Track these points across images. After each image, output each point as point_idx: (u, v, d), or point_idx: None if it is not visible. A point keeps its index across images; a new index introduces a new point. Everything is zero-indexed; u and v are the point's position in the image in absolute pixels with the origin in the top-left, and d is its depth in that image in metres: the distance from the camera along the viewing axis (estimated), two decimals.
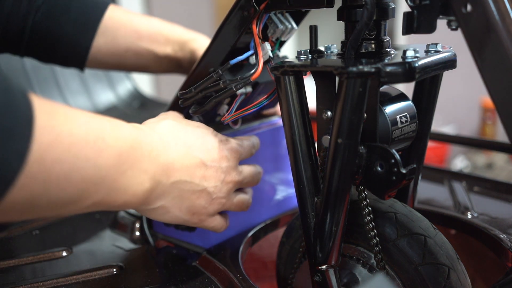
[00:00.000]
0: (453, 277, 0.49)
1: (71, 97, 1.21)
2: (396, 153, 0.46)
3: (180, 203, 0.54)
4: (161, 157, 0.50)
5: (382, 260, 0.51)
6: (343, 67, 0.45)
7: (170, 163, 0.51)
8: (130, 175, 0.46)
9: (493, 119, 2.71)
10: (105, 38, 0.76)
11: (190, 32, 0.81)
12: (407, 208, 0.53)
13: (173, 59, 0.79)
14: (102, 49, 0.76)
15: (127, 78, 1.34)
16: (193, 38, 0.79)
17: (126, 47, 0.77)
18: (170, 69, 0.83)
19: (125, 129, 0.46)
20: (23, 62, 1.16)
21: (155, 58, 0.79)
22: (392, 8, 0.50)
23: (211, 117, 0.68)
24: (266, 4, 0.53)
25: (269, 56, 0.57)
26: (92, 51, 0.76)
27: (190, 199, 0.54)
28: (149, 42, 0.78)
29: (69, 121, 0.39)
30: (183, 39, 0.79)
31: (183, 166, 0.52)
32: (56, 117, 0.38)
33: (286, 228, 0.64)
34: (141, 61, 0.80)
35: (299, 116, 0.52)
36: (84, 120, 0.41)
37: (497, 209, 0.72)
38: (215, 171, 0.55)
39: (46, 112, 0.37)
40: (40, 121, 0.36)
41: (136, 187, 0.47)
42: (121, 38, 0.77)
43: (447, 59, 0.49)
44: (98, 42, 0.75)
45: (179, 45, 0.79)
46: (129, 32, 0.77)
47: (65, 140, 0.38)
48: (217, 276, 0.60)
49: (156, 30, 0.79)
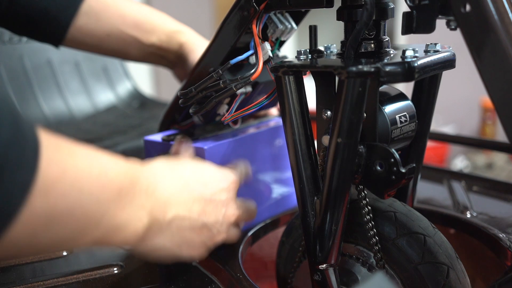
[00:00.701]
0: (452, 276, 0.49)
1: (71, 97, 1.21)
2: (396, 153, 0.46)
3: (179, 241, 0.50)
4: (156, 192, 0.48)
5: (381, 259, 0.52)
6: (342, 66, 0.45)
7: (167, 198, 0.49)
8: (129, 210, 0.44)
9: (493, 119, 2.71)
10: (87, 18, 0.73)
11: (178, 23, 0.79)
12: (407, 207, 0.53)
13: (158, 49, 0.77)
14: (82, 29, 0.74)
15: (127, 78, 1.34)
16: (181, 30, 0.77)
17: (109, 31, 0.75)
18: (152, 60, 0.80)
19: (124, 165, 0.45)
20: (23, 62, 1.16)
21: (138, 46, 0.76)
22: (392, 8, 0.50)
23: (211, 117, 0.68)
24: (266, 4, 0.53)
25: (269, 56, 0.57)
26: (71, 29, 0.73)
27: (190, 236, 0.51)
28: (134, 28, 0.75)
29: (74, 155, 0.39)
30: (171, 30, 0.76)
31: (180, 201, 0.50)
32: (62, 151, 0.38)
33: (286, 228, 0.64)
34: (122, 47, 0.77)
35: (299, 116, 0.52)
36: (87, 154, 0.41)
37: (496, 208, 0.72)
38: (215, 206, 0.53)
39: (52, 146, 0.37)
40: (47, 154, 0.35)
41: (135, 223, 0.45)
42: (104, 20, 0.74)
43: (446, 59, 0.49)
44: (79, 21, 0.73)
45: (166, 36, 0.76)
46: (114, 15, 0.75)
47: (71, 174, 0.37)
48: (217, 276, 0.60)
49: (143, 17, 0.76)
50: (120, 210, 0.43)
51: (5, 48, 1.15)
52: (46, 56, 1.20)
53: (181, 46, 0.76)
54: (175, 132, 0.71)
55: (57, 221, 0.37)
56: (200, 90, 0.60)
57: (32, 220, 0.35)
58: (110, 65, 1.32)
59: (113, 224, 0.43)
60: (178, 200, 0.50)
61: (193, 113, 0.63)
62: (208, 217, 0.52)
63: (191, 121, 0.71)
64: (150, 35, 0.76)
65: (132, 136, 0.96)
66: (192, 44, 0.76)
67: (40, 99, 1.15)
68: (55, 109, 1.16)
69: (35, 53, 1.18)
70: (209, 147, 0.63)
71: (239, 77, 0.57)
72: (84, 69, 1.26)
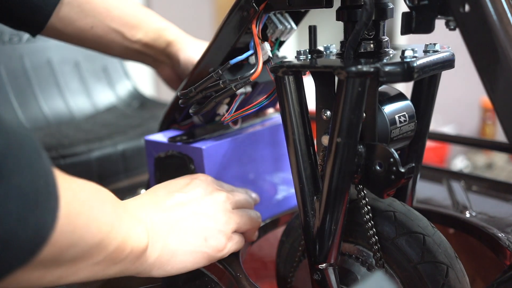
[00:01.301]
0: (451, 276, 0.49)
1: (71, 97, 1.21)
2: (395, 152, 0.46)
3: (193, 233, 0.53)
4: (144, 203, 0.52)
5: (381, 259, 0.52)
6: (342, 67, 0.45)
7: (155, 204, 0.53)
8: (127, 220, 0.46)
9: (493, 119, 2.71)
10: (70, 8, 0.70)
11: (163, 19, 0.77)
12: (406, 207, 0.53)
13: (143, 46, 0.75)
14: (64, 19, 0.70)
15: (127, 78, 1.34)
16: (167, 27, 0.75)
17: (92, 24, 0.71)
18: (135, 57, 0.78)
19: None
20: (23, 62, 1.16)
21: (123, 41, 0.74)
22: (391, 8, 0.50)
23: (211, 117, 0.68)
24: (265, 4, 0.53)
25: (268, 56, 0.57)
26: (52, 19, 0.69)
27: (200, 224, 0.54)
28: (120, 23, 0.72)
29: (74, 180, 0.41)
30: (157, 27, 0.74)
31: (173, 203, 0.54)
32: (66, 178, 0.40)
33: (285, 227, 0.64)
34: (105, 42, 0.74)
35: (299, 116, 0.52)
36: (83, 181, 0.43)
37: (495, 208, 0.72)
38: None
39: (59, 175, 0.39)
40: (60, 181, 0.38)
41: (136, 231, 0.47)
42: (88, 12, 0.71)
43: (446, 59, 0.49)
44: (61, 11, 0.69)
45: (153, 33, 0.74)
46: (99, 7, 0.71)
47: (81, 196, 0.40)
48: (217, 276, 0.60)
49: (129, 11, 0.73)
50: (119, 221, 0.45)
51: (5, 48, 1.15)
52: (46, 56, 1.20)
53: (169, 44, 0.74)
54: (176, 131, 0.72)
55: (78, 236, 0.39)
56: (200, 90, 0.60)
57: (59, 240, 0.37)
58: (110, 65, 1.32)
59: (121, 234, 0.44)
60: (170, 200, 0.54)
61: (193, 113, 0.63)
62: (204, 207, 0.55)
63: (190, 121, 0.71)
64: (136, 31, 0.73)
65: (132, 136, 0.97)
66: (181, 42, 0.75)
67: (40, 99, 1.15)
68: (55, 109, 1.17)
69: (35, 53, 1.19)
70: (208, 147, 0.63)
71: (239, 77, 0.57)
72: (84, 69, 1.26)
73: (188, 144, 0.65)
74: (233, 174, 0.67)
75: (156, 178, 0.71)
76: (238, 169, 0.68)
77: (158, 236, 0.50)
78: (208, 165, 0.64)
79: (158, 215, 0.52)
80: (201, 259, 0.54)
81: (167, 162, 0.68)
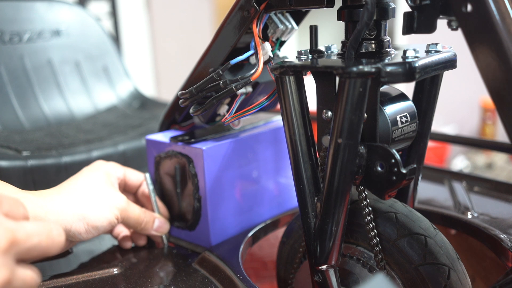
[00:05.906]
0: (453, 277, 0.49)
1: (71, 97, 1.21)
2: (396, 153, 0.46)
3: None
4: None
5: (382, 260, 0.51)
6: (343, 67, 0.45)
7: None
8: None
9: (493, 119, 2.71)
10: None
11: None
12: (407, 208, 0.53)
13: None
14: None
15: (127, 78, 1.34)
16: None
17: None
18: None
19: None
20: (23, 62, 1.16)
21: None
22: (393, 8, 0.50)
23: (211, 117, 0.68)
24: (266, 4, 0.53)
25: (269, 56, 0.57)
26: None
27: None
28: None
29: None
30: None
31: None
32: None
33: (286, 228, 0.64)
34: None
35: (299, 116, 0.52)
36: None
37: (497, 209, 0.72)
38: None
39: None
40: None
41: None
42: None
43: (447, 59, 0.49)
44: None
45: None
46: None
47: None
48: (217, 276, 0.60)
49: None
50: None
51: (5, 48, 1.15)
52: (46, 56, 1.20)
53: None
54: (178, 132, 0.71)
55: None
56: (200, 90, 0.60)
57: None
58: (110, 65, 1.31)
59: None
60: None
61: (193, 113, 0.63)
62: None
63: (191, 121, 0.71)
64: None
65: (132, 136, 0.96)
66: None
67: (40, 99, 1.15)
68: (55, 109, 1.16)
69: (35, 53, 1.18)
70: (208, 148, 0.63)
71: (239, 77, 0.57)
72: (84, 69, 1.26)
73: (189, 144, 0.64)
74: (233, 175, 0.67)
75: (156, 178, 0.71)
76: (238, 170, 0.68)
77: None
78: (208, 165, 0.63)
79: None
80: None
81: (167, 162, 0.68)
